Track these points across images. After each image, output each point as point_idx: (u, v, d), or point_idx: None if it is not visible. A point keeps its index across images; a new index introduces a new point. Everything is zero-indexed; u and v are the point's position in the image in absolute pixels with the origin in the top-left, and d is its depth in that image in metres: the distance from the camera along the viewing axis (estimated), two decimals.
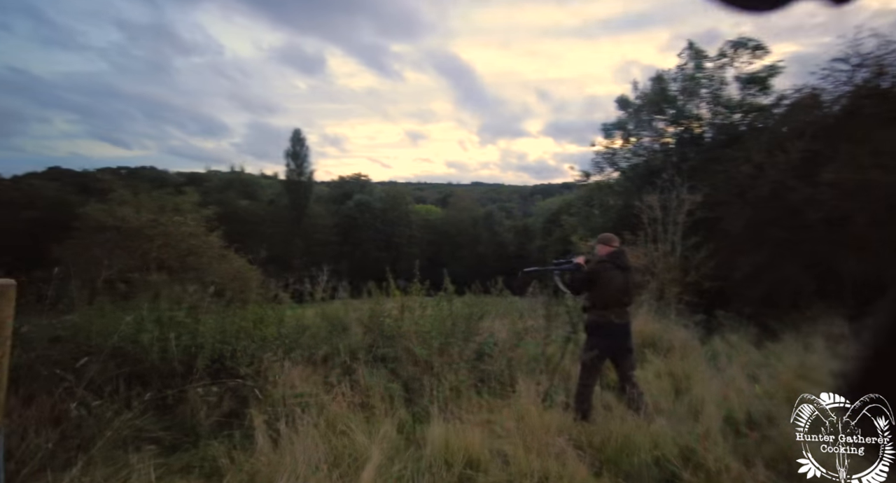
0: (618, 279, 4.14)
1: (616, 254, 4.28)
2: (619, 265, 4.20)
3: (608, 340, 4.15)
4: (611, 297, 4.13)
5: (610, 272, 4.15)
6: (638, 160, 15.45)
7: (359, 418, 3.48)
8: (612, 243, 4.35)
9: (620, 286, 4.14)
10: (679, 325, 7.19)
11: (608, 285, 4.13)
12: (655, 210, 10.56)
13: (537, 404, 4.03)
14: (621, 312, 4.17)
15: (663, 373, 5.32)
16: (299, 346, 4.35)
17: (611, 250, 4.30)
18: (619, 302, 4.15)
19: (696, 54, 15.03)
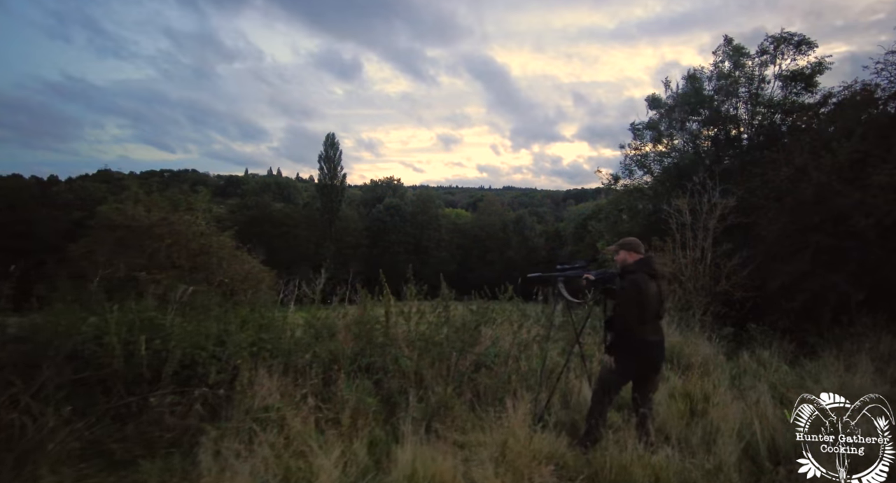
0: (653, 290, 3.68)
1: (646, 261, 3.82)
2: (652, 274, 3.74)
3: (643, 361, 3.70)
4: (647, 311, 3.65)
5: (647, 282, 3.69)
6: (669, 162, 14.67)
7: (328, 436, 3.19)
8: (640, 250, 3.87)
9: (655, 298, 3.68)
10: (703, 338, 6.61)
11: (647, 298, 3.66)
12: (685, 214, 9.92)
13: (530, 425, 3.65)
14: (657, 328, 3.74)
15: (679, 393, 4.80)
16: (279, 352, 4.07)
17: (640, 257, 3.83)
18: (656, 316, 3.72)
19: (735, 51, 14.20)
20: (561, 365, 4.65)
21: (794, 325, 8.38)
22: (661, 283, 3.76)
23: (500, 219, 56.87)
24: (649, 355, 3.68)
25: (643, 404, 3.68)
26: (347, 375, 4.09)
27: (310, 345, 4.33)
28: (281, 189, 79.58)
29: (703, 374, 5.57)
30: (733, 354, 6.81)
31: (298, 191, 75.30)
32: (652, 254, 4.03)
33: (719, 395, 4.56)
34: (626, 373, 3.72)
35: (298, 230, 52.97)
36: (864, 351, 6.83)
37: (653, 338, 3.66)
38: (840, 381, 5.28)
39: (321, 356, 4.22)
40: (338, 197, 54.60)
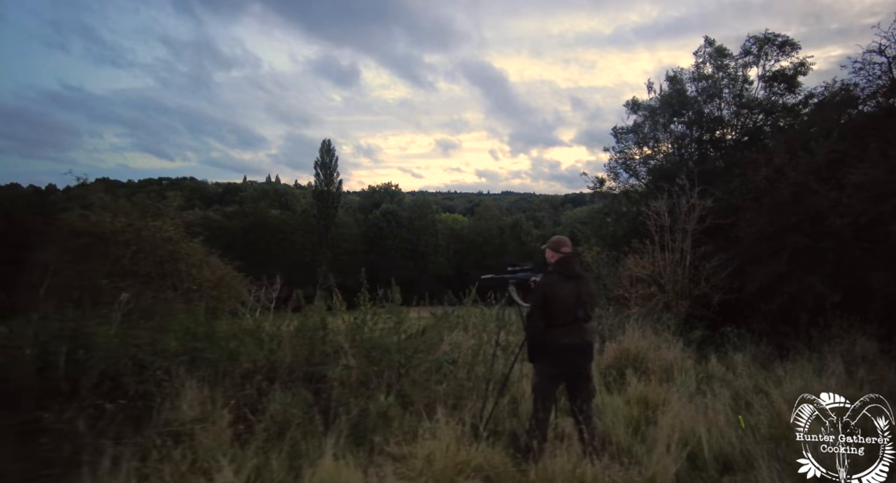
0: (568, 291, 3.53)
1: (564, 260, 3.67)
2: (568, 274, 3.59)
3: (558, 365, 3.55)
4: (557, 313, 3.52)
5: (559, 285, 3.57)
6: (654, 165, 14.55)
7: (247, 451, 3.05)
8: (561, 248, 3.72)
9: (570, 299, 3.52)
10: (672, 342, 6.45)
11: (554, 299, 3.55)
12: (663, 216, 9.80)
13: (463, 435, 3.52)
14: (574, 331, 3.52)
15: (636, 399, 4.67)
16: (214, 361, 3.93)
17: (559, 257, 3.71)
18: (571, 319, 3.52)
19: (718, 53, 14.13)
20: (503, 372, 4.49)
21: (770, 328, 8.24)
22: (580, 283, 3.57)
23: (496, 224, 56.82)
24: (564, 359, 3.52)
25: (580, 412, 3.53)
26: (286, 385, 3.97)
27: (250, 353, 4.20)
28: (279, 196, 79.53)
29: (668, 380, 5.44)
30: (704, 358, 6.67)
31: (296, 198, 75.23)
32: (572, 252, 3.76)
33: (676, 401, 4.42)
34: (547, 377, 3.57)
35: (295, 237, 52.87)
36: (837, 353, 6.69)
37: (567, 341, 3.48)
38: (803, 384, 5.12)
39: (260, 365, 4.09)
40: (334, 203, 54.52)
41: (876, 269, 7.70)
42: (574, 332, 3.51)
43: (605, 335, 6.58)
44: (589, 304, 3.58)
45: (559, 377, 3.58)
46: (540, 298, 3.55)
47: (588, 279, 3.68)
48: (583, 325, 3.54)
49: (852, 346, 6.96)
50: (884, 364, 6.40)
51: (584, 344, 3.54)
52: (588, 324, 3.60)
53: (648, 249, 10.03)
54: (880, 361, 6.52)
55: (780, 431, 3.92)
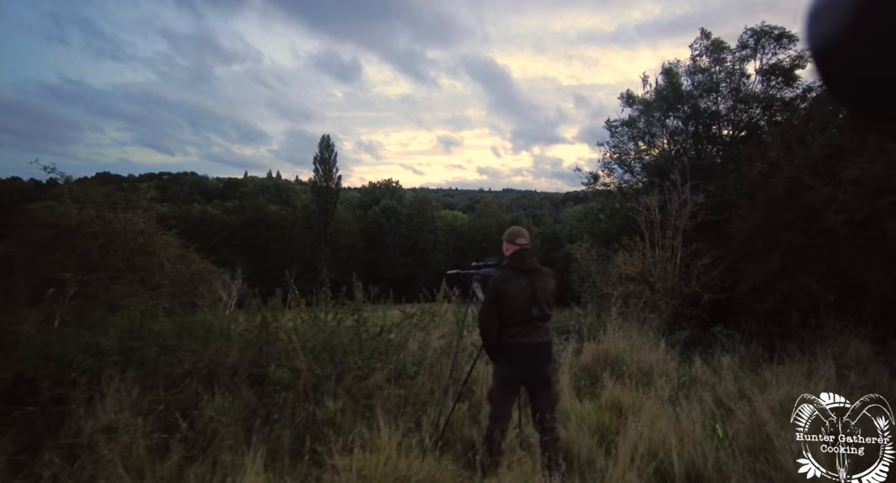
0: (521, 287, 3.23)
1: (518, 254, 3.37)
2: (522, 268, 3.29)
3: (513, 367, 3.26)
4: (514, 310, 3.23)
5: (512, 280, 3.28)
6: (650, 160, 14.20)
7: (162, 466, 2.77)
8: (517, 240, 3.43)
9: (524, 296, 3.22)
10: (657, 343, 6.15)
11: (507, 296, 3.26)
12: (654, 212, 9.49)
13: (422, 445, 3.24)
14: (529, 330, 3.22)
15: (609, 405, 4.37)
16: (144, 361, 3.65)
17: (514, 250, 3.41)
18: (527, 317, 3.22)
19: (714, 46, 13.74)
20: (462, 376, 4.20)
21: (762, 329, 7.93)
22: (535, 279, 3.27)
23: (496, 221, 56.48)
24: (518, 361, 3.22)
25: (541, 421, 3.24)
26: (227, 389, 3.69)
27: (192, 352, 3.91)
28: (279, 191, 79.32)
29: (646, 384, 5.15)
30: (689, 360, 6.36)
31: (297, 193, 75.05)
32: (528, 245, 3.44)
33: (650, 407, 4.12)
34: (502, 381, 3.28)
35: (294, 232, 52.70)
36: (829, 356, 6.39)
37: (524, 341, 3.19)
38: (790, 389, 4.82)
39: (200, 366, 3.80)
40: (333, 199, 54.27)
41: (872, 268, 7.38)
42: (529, 331, 3.21)
43: (583, 335, 6.26)
44: (545, 301, 3.26)
45: (515, 381, 3.28)
46: (492, 295, 3.26)
47: (546, 274, 3.34)
48: (539, 324, 3.23)
49: (846, 348, 6.66)
50: (876, 368, 6.10)
51: (541, 344, 3.23)
52: (546, 323, 3.28)
53: (639, 246, 9.73)
54: (873, 365, 6.22)
55: (759, 443, 3.64)
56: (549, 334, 3.31)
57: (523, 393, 3.54)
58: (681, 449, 3.42)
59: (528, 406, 3.50)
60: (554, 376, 3.30)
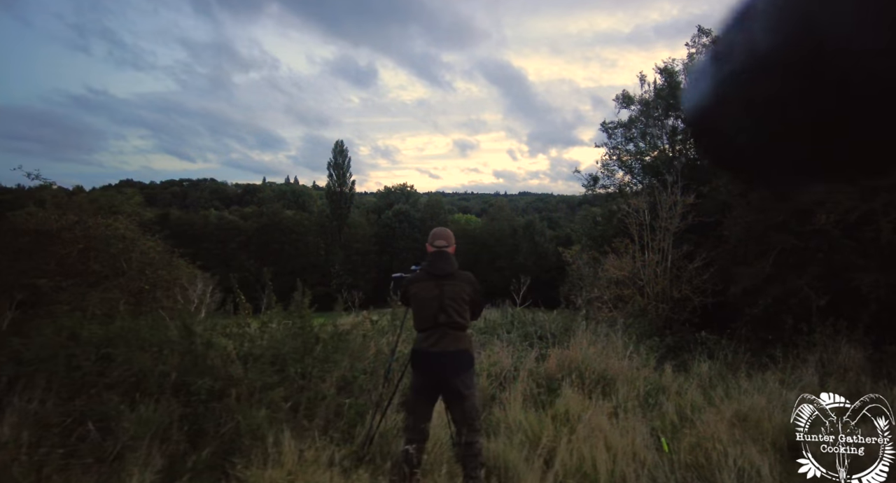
0: (429, 292, 3.11)
1: (432, 257, 3.24)
2: (433, 272, 3.16)
3: (422, 375, 3.12)
4: (422, 316, 3.12)
5: (421, 283, 3.15)
6: (650, 161, 13.83)
7: None
8: (435, 242, 3.29)
9: (432, 301, 3.09)
10: (631, 348, 5.92)
11: (415, 299, 3.14)
12: (643, 214, 9.23)
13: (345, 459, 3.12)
14: (439, 338, 3.06)
15: (559, 415, 4.19)
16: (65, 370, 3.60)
17: (431, 252, 3.28)
18: (433, 323, 3.08)
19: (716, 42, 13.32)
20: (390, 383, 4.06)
21: (752, 334, 7.61)
22: (446, 283, 3.12)
23: (509, 224, 56.13)
24: (425, 369, 3.09)
25: (459, 435, 3.08)
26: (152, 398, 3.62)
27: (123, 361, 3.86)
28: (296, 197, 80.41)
29: (606, 394, 4.94)
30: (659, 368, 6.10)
31: (313, 198, 75.93)
32: (445, 248, 3.28)
33: (594, 418, 3.93)
34: (414, 390, 3.15)
35: (308, 237, 53.24)
36: (812, 364, 6.08)
37: (432, 349, 3.04)
38: (755, 401, 4.57)
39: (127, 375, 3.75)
40: (346, 203, 54.74)
41: (866, 271, 7.02)
42: (437, 338, 3.06)
43: (548, 341, 6.08)
44: (454, 307, 3.09)
45: (425, 391, 3.12)
46: (401, 296, 3.18)
47: (462, 279, 3.19)
48: (448, 331, 3.07)
49: (835, 354, 6.33)
50: (866, 375, 5.78)
51: (450, 353, 3.05)
52: (457, 330, 3.11)
53: (630, 249, 9.47)
54: (864, 373, 5.89)
55: (701, 459, 3.42)
56: (463, 343, 3.12)
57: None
58: (612, 464, 3.23)
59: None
60: (469, 388, 3.08)
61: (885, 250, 6.88)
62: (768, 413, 4.25)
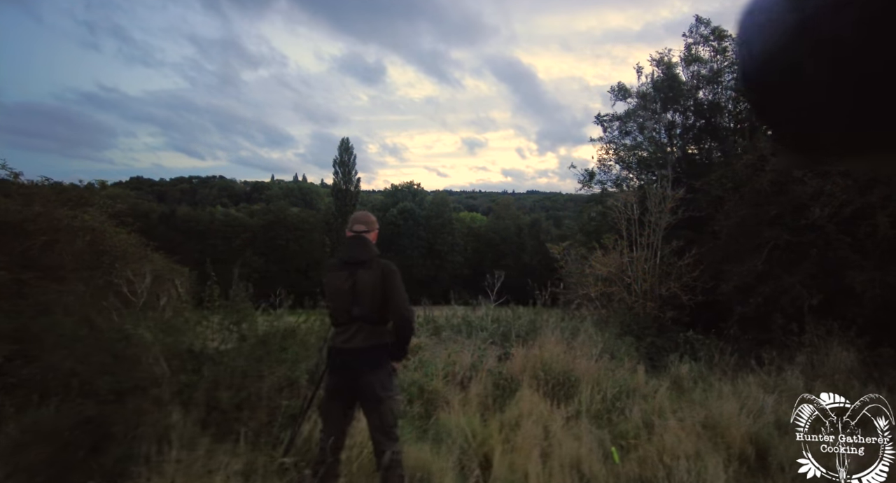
0: (342, 282, 2.77)
1: (347, 244, 2.89)
2: (347, 260, 2.81)
3: (334, 376, 2.81)
4: (335, 309, 2.80)
5: (334, 273, 2.83)
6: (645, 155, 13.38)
7: None
8: (353, 227, 2.93)
9: (345, 292, 2.75)
10: (602, 348, 5.57)
11: (329, 290, 2.82)
12: (632, 208, 8.87)
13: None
14: (353, 333, 2.74)
15: (508, 421, 3.86)
16: None
17: (348, 237, 2.93)
18: (347, 317, 2.75)
19: (716, 35, 12.89)
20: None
21: (740, 334, 7.23)
22: (359, 272, 2.76)
23: (514, 222, 55.69)
24: (334, 368, 2.78)
25: (376, 445, 2.76)
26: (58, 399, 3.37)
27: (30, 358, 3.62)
28: (304, 194, 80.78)
29: (567, 397, 4.62)
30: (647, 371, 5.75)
31: (320, 196, 76.15)
32: (366, 232, 2.92)
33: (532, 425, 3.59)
34: (326, 392, 2.84)
35: (314, 234, 53.31)
36: (799, 365, 5.71)
37: (344, 345, 2.73)
38: (725, 406, 4.21)
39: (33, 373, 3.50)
40: (352, 201, 54.69)
41: (861, 269, 6.60)
42: (350, 333, 2.74)
43: (511, 339, 5.75)
44: (368, 299, 2.74)
45: (336, 392, 2.79)
46: (323, 290, 2.85)
47: (377, 267, 2.79)
48: (364, 326, 2.74)
49: (826, 356, 5.94)
50: (857, 379, 5.39)
51: (361, 349, 2.72)
52: (375, 325, 2.77)
53: (619, 245, 9.11)
54: (855, 377, 5.50)
55: (649, 472, 3.09)
56: (382, 338, 2.79)
57: None
58: (548, 477, 2.91)
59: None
60: (387, 390, 2.74)
61: (882, 246, 6.46)
62: (738, 420, 3.90)
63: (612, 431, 4.07)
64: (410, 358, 5.25)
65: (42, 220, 7.62)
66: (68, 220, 7.83)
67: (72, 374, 3.45)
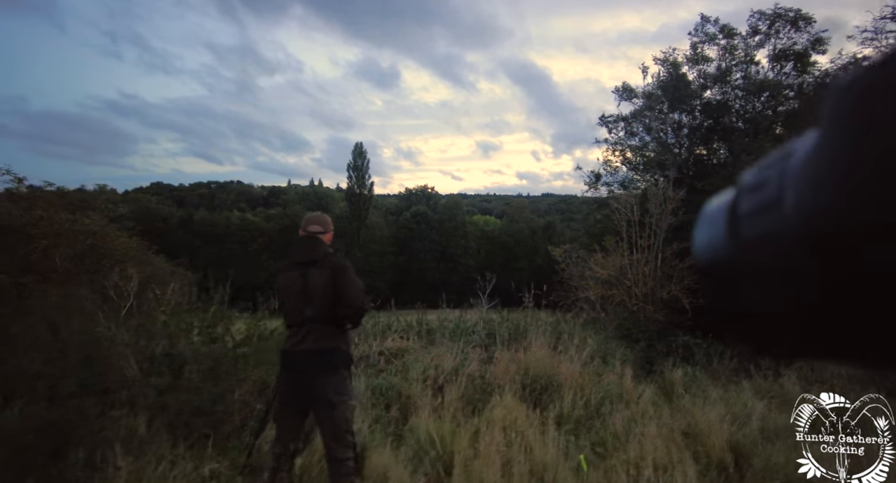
0: (294, 283, 2.72)
1: (298, 242, 2.83)
2: (296, 260, 2.76)
3: (286, 380, 2.76)
4: (288, 310, 2.75)
5: (285, 273, 2.78)
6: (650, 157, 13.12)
7: None
8: (307, 228, 2.87)
9: (296, 293, 2.70)
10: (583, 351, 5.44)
11: (281, 292, 2.78)
12: (633, 210, 8.72)
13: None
14: (305, 335, 2.68)
15: (478, 429, 3.77)
16: None
17: (300, 237, 2.88)
18: (299, 319, 2.70)
19: (724, 32, 12.61)
20: None
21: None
22: (310, 273, 2.70)
23: (528, 225, 55.34)
24: (288, 372, 2.72)
25: (328, 451, 2.70)
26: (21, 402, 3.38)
27: None
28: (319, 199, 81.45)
29: (552, 401, 4.50)
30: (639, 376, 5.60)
31: (335, 200, 76.74)
32: (319, 231, 2.86)
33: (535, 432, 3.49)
34: (279, 395, 2.78)
35: None
36: (796, 370, 5.51)
37: (298, 348, 2.67)
38: (712, 412, 4.06)
39: None
40: (365, 205, 55.02)
41: None
42: (301, 335, 2.68)
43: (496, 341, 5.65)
44: (320, 300, 2.67)
45: (290, 398, 2.74)
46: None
47: (328, 266, 2.72)
48: (314, 328, 2.68)
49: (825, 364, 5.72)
50: (857, 385, 5.18)
51: (313, 352, 2.66)
52: (328, 326, 2.70)
53: (621, 247, 8.95)
54: (855, 382, 5.29)
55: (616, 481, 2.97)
56: (335, 340, 2.72)
57: None
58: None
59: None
60: (341, 395, 2.67)
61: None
62: (720, 427, 3.75)
63: (590, 439, 3.96)
64: (394, 362, 5.21)
65: (44, 223, 7.76)
66: (69, 223, 7.96)
67: (38, 377, 3.46)
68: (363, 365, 4.92)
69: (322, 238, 2.85)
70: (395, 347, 5.48)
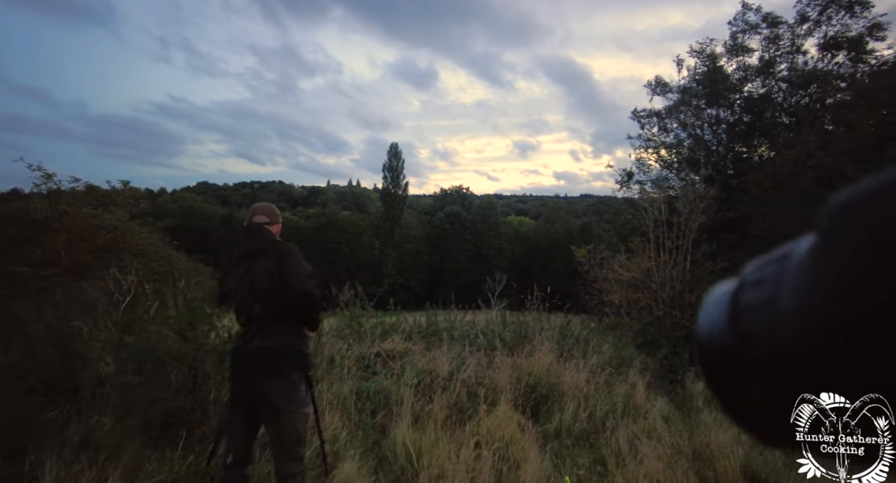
0: (237, 277, 2.49)
1: (242, 233, 2.58)
2: (241, 253, 2.52)
3: (233, 383, 2.52)
4: (237, 308, 2.53)
5: (231, 270, 2.56)
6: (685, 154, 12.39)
7: None
8: (252, 218, 2.62)
9: (243, 288, 2.47)
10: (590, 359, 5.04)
11: (228, 289, 2.56)
12: (661, 210, 8.21)
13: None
14: (255, 333, 2.43)
15: (463, 442, 3.47)
16: None
17: (244, 227, 2.63)
18: (248, 316, 2.46)
19: (769, 21, 11.76)
20: None
21: None
22: (257, 264, 2.45)
23: (564, 226, 54.26)
24: (237, 372, 2.47)
25: (275, 463, 2.47)
26: None
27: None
28: (356, 198, 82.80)
29: (553, 412, 4.16)
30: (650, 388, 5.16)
31: (372, 200, 77.79)
32: (259, 223, 2.59)
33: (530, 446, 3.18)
34: (230, 401, 2.54)
35: (363, 237, 54.29)
36: None
37: (246, 347, 2.43)
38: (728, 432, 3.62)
39: None
40: (400, 204, 55.36)
41: None
42: (251, 334, 2.44)
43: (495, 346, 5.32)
44: (267, 292, 2.43)
45: (238, 402, 2.49)
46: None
47: (273, 253, 2.47)
48: (263, 326, 2.43)
49: None
50: None
51: (260, 351, 2.41)
52: (281, 323, 2.45)
53: (647, 248, 8.45)
54: None
55: None
56: (287, 338, 2.46)
57: None
58: None
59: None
60: (291, 403, 2.41)
61: None
62: (734, 449, 3.33)
63: (591, 455, 3.61)
64: (391, 364, 4.96)
65: (67, 218, 7.95)
66: (91, 218, 8.14)
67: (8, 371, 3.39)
68: (356, 367, 4.70)
69: (269, 229, 2.61)
70: (395, 349, 5.24)
